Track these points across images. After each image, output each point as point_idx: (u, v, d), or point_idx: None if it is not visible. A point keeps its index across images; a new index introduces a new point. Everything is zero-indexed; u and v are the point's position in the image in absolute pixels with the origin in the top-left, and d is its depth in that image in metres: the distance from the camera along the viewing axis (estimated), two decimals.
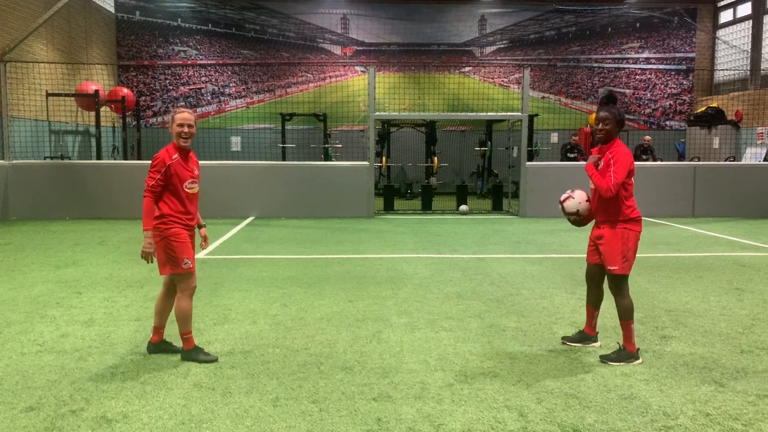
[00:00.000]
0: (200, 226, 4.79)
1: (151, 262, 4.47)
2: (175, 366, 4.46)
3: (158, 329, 4.74)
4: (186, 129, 4.49)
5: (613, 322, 5.59)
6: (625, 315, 4.56)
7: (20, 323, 5.51)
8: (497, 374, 4.34)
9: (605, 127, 4.60)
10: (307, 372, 4.37)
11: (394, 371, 4.39)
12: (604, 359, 4.57)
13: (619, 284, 4.59)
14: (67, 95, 16.59)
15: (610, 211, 4.58)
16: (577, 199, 4.83)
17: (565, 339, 5.02)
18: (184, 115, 4.51)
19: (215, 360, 4.56)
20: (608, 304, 6.23)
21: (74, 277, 7.38)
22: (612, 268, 4.55)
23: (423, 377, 4.28)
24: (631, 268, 4.61)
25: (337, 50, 22.94)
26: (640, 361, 4.54)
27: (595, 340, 4.95)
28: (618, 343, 4.70)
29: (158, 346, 4.73)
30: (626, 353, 4.55)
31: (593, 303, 4.92)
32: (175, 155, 4.49)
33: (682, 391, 4.06)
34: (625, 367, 4.46)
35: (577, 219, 4.85)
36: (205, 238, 4.84)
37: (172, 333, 4.84)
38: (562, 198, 4.93)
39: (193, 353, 4.58)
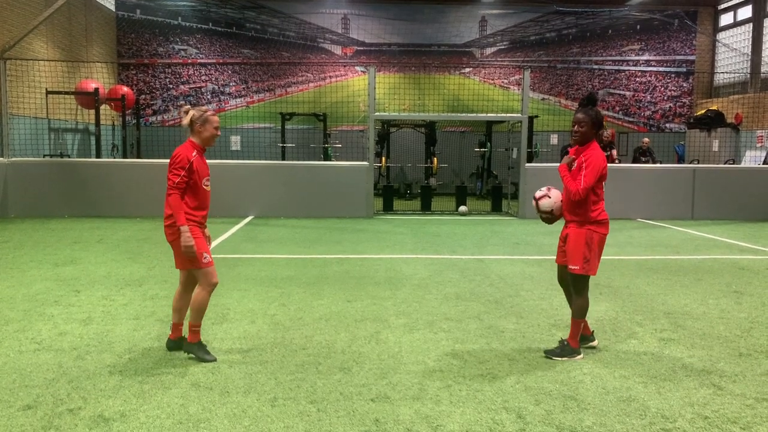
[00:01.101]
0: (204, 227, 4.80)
1: (193, 256, 4.46)
2: (173, 365, 4.46)
3: (176, 326, 4.76)
4: (219, 133, 4.71)
5: (608, 316, 5.60)
6: (579, 313, 4.68)
7: (18, 321, 5.50)
8: (496, 376, 4.34)
9: (580, 129, 4.64)
10: (306, 372, 4.36)
11: (393, 372, 4.39)
12: (549, 354, 4.68)
13: (579, 284, 4.67)
14: (66, 93, 16.58)
15: (577, 211, 4.63)
16: (553, 198, 4.86)
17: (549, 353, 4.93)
18: (217, 118, 4.69)
19: (214, 360, 4.55)
20: (607, 304, 6.22)
21: (73, 276, 7.37)
22: (573, 267, 4.62)
23: (421, 378, 4.28)
24: (594, 269, 4.65)
25: (337, 50, 22.94)
26: (581, 356, 4.66)
27: (592, 339, 4.95)
28: (562, 338, 4.83)
29: (177, 343, 4.75)
30: (569, 348, 4.66)
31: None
32: (195, 152, 4.55)
33: (681, 393, 4.05)
34: (623, 370, 4.46)
35: (549, 217, 4.91)
36: (208, 238, 4.85)
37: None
38: (537, 195, 4.96)
39: (195, 347, 4.59)
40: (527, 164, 13.85)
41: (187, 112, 4.59)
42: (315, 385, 4.13)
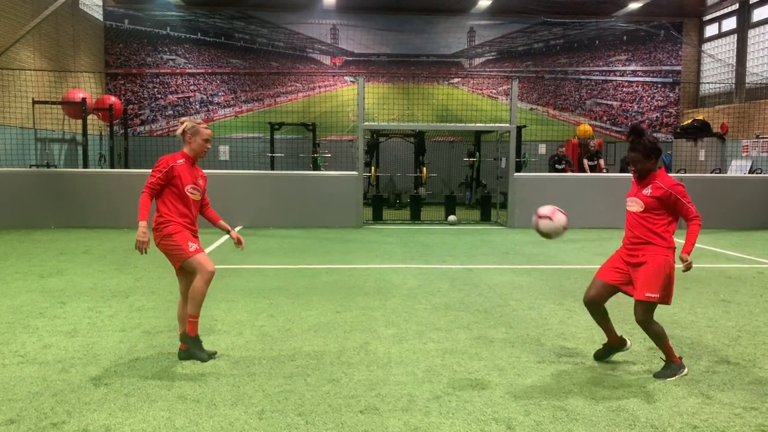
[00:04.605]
0: (228, 231, 4.99)
1: (145, 253, 4.55)
2: (159, 378, 4.41)
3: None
4: (209, 145, 4.83)
5: (597, 327, 5.60)
6: (661, 340, 4.55)
7: (2, 334, 5.42)
8: (485, 386, 4.32)
9: (636, 166, 4.56)
10: (294, 384, 4.33)
11: (382, 383, 4.36)
12: (659, 376, 4.51)
13: (650, 312, 4.49)
14: (54, 103, 16.47)
15: (654, 236, 4.46)
16: (554, 223, 4.79)
17: (599, 359, 4.87)
18: (209, 131, 4.84)
19: (206, 360, 4.66)
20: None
21: (58, 287, 7.29)
22: (651, 295, 4.40)
23: (410, 389, 4.25)
24: (671, 298, 4.53)
25: (326, 60, 22.98)
26: (686, 369, 4.55)
27: (625, 343, 4.86)
28: (662, 358, 4.65)
29: (187, 352, 4.77)
30: (675, 365, 4.54)
31: (603, 321, 4.75)
32: (182, 160, 4.70)
33: (670, 403, 4.05)
34: (612, 379, 4.46)
35: (546, 238, 4.92)
36: (238, 240, 5.04)
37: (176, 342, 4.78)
38: (540, 212, 4.90)
39: (191, 341, 4.69)
40: (516, 174, 13.90)
41: (182, 123, 4.79)
42: (303, 397, 4.09)
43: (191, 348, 4.71)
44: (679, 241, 4.38)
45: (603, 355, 4.85)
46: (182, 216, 4.69)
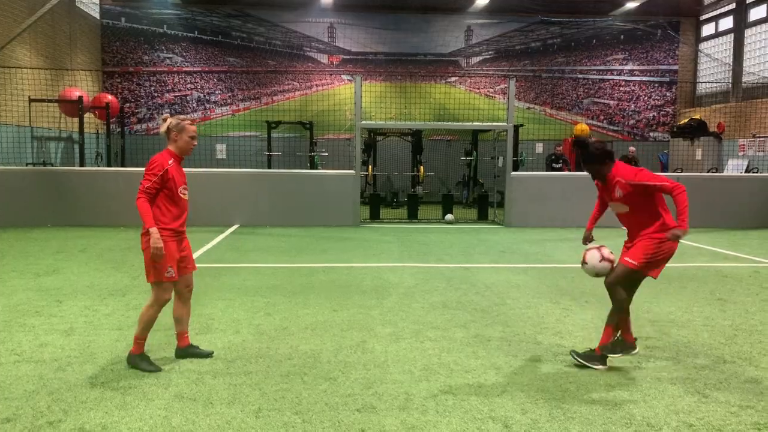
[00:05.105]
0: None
1: (162, 257, 4.42)
2: (156, 376, 4.40)
3: (181, 335, 4.81)
4: (195, 142, 4.70)
5: (594, 325, 5.61)
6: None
7: None
8: (482, 385, 4.32)
9: (595, 176, 4.70)
10: (291, 382, 4.33)
11: (379, 382, 4.36)
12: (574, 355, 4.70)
13: (622, 278, 4.59)
14: (50, 101, 16.43)
15: (648, 221, 4.56)
16: (591, 263, 4.73)
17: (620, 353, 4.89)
18: (195, 128, 4.70)
19: (159, 370, 4.49)
20: (593, 312, 6.24)
21: (55, 286, 7.28)
22: (630, 261, 4.54)
23: (407, 388, 4.25)
24: (649, 270, 4.55)
25: (323, 59, 22.95)
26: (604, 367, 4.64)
27: (634, 348, 4.90)
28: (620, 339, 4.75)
29: (186, 350, 4.76)
30: (594, 356, 4.66)
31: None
32: (171, 160, 4.57)
33: (666, 401, 4.06)
34: (609, 378, 4.47)
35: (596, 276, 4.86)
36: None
37: (198, 340, 4.78)
38: (584, 258, 4.80)
39: (137, 359, 4.56)
40: (513, 173, 13.90)
41: (165, 120, 4.64)
42: (300, 396, 4.09)
43: (139, 364, 4.51)
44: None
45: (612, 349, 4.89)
46: (176, 219, 4.54)
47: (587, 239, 5.10)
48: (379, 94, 20.99)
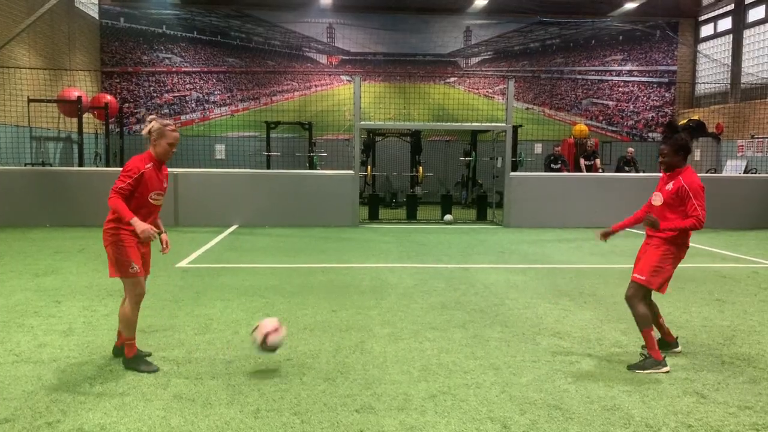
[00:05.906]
0: (160, 233, 4.69)
1: (155, 238, 4.46)
2: (155, 377, 4.40)
3: (120, 333, 4.66)
4: (174, 149, 4.59)
5: (592, 325, 5.61)
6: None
7: None
8: (480, 385, 4.32)
9: (664, 160, 4.76)
10: (289, 383, 4.33)
11: (377, 382, 4.36)
12: (632, 368, 4.63)
13: (637, 292, 4.68)
14: (49, 101, 16.42)
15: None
16: (274, 342, 4.52)
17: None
18: (177, 135, 4.58)
19: (157, 370, 4.46)
20: (591, 313, 6.25)
21: (53, 286, 7.27)
22: (639, 276, 4.67)
23: (406, 388, 4.25)
24: (659, 285, 4.66)
25: (322, 59, 22.96)
26: (667, 368, 4.60)
27: (676, 345, 5.04)
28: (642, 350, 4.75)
29: (121, 350, 4.64)
30: (652, 360, 4.61)
31: (653, 318, 4.90)
32: (149, 164, 4.49)
33: (664, 402, 4.07)
34: (608, 378, 4.47)
35: None
36: (166, 243, 4.73)
37: (152, 343, 4.77)
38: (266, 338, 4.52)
39: (133, 361, 4.53)
40: (512, 173, 13.91)
41: (150, 122, 4.53)
42: (299, 396, 4.09)
43: (137, 366, 4.48)
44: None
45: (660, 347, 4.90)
46: (143, 220, 4.43)
47: (606, 235, 5.10)
48: (378, 95, 21.00)
